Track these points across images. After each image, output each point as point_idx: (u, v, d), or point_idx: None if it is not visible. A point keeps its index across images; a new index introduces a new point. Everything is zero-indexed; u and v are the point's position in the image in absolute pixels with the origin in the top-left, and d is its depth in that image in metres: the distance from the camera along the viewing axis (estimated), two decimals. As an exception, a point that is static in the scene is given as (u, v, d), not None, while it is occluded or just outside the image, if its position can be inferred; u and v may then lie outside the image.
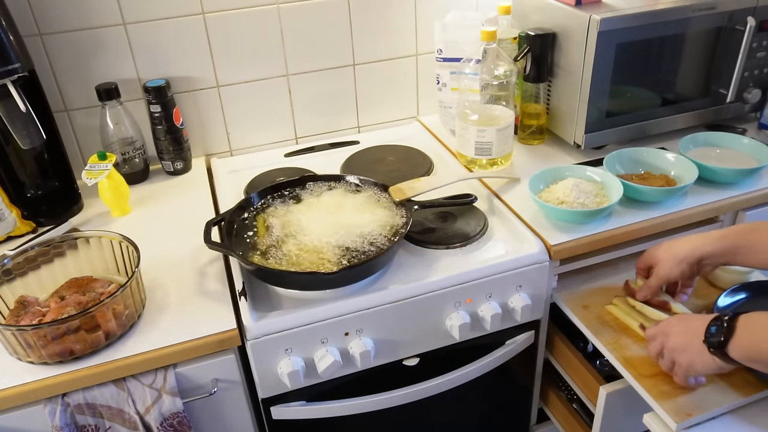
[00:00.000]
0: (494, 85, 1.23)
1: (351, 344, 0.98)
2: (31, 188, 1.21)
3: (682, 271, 0.96)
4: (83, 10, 1.20)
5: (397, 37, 1.44)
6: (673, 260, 0.96)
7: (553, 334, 1.19)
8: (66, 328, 0.83)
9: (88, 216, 1.21)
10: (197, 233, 1.02)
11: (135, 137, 1.30)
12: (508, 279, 1.04)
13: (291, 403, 1.02)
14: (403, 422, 1.17)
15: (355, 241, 0.99)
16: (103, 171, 1.15)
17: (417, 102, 1.55)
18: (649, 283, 1.00)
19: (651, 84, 1.27)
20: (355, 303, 0.96)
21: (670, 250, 0.98)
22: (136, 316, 0.94)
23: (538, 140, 1.37)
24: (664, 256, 0.98)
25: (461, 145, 1.28)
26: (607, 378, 1.06)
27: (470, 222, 1.13)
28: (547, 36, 1.24)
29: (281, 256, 0.97)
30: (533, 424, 1.36)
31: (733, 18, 1.23)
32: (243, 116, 1.41)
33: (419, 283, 0.99)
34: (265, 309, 0.95)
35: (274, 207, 1.10)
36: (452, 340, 1.05)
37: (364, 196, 1.12)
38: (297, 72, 1.40)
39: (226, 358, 0.94)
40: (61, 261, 1.00)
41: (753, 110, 1.39)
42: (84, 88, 1.27)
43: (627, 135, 1.30)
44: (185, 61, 1.31)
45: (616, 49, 1.17)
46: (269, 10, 1.31)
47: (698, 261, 0.95)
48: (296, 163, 1.38)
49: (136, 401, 0.89)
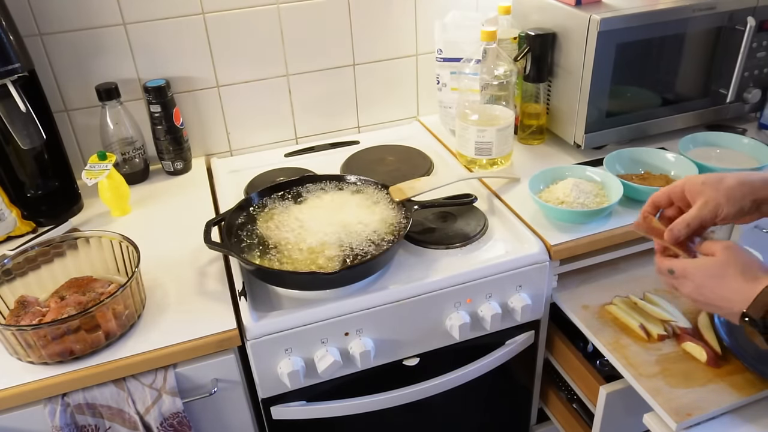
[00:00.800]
0: (494, 85, 1.23)
1: (351, 344, 0.98)
2: (31, 188, 1.21)
3: (741, 208, 0.75)
4: (83, 10, 1.20)
5: (397, 37, 1.44)
6: (730, 194, 0.75)
7: (553, 334, 1.19)
8: (66, 328, 0.83)
9: (88, 216, 1.21)
10: (197, 233, 1.02)
11: (135, 137, 1.30)
12: (508, 279, 1.04)
13: (291, 403, 1.02)
14: (403, 422, 1.17)
15: (355, 241, 0.99)
16: (103, 171, 1.15)
17: (417, 102, 1.55)
18: (686, 219, 0.77)
19: (651, 84, 1.27)
20: (355, 303, 0.96)
21: (723, 182, 0.76)
22: (136, 316, 0.94)
23: (538, 140, 1.37)
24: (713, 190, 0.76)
25: (461, 145, 1.28)
26: (607, 378, 1.06)
27: (470, 222, 1.13)
28: (547, 36, 1.24)
29: (281, 256, 0.97)
30: (533, 424, 1.36)
31: (733, 18, 1.23)
32: (243, 116, 1.41)
33: (419, 283, 0.99)
34: (265, 309, 0.95)
35: (274, 207, 1.10)
36: (452, 340, 1.05)
37: (364, 196, 1.12)
38: (297, 72, 1.40)
39: (226, 358, 0.94)
40: (61, 261, 1.00)
41: (753, 110, 1.39)
42: (84, 88, 1.27)
43: (627, 135, 1.30)
44: (185, 61, 1.31)
45: (616, 49, 1.17)
46: (269, 10, 1.31)
47: (763, 200, 0.76)
48: (296, 163, 1.38)
49: (136, 401, 0.89)
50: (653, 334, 1.01)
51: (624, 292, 1.11)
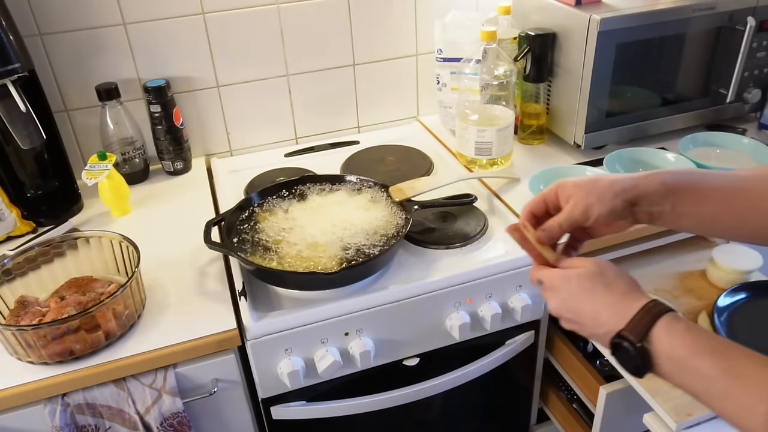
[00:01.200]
0: (494, 85, 1.23)
1: (351, 344, 0.98)
2: (31, 188, 1.21)
3: (613, 208, 0.70)
4: (83, 10, 1.20)
5: (397, 37, 1.44)
6: (601, 194, 0.71)
7: (553, 334, 1.19)
8: (66, 328, 0.83)
9: (88, 216, 1.21)
10: (197, 233, 1.02)
11: (135, 137, 1.30)
12: (508, 279, 1.04)
13: (291, 403, 1.02)
14: (403, 422, 1.17)
15: (355, 241, 0.99)
16: (103, 171, 1.15)
17: (417, 102, 1.55)
18: (558, 220, 0.73)
19: (651, 84, 1.27)
20: (355, 303, 0.96)
21: (595, 183, 0.72)
22: (136, 316, 0.94)
23: (538, 140, 1.37)
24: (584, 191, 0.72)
25: (461, 145, 1.28)
26: (607, 378, 1.06)
27: (470, 222, 1.13)
28: (547, 36, 1.24)
29: (281, 256, 0.97)
30: (533, 424, 1.36)
31: (733, 18, 1.23)
32: (243, 116, 1.41)
33: (419, 283, 0.99)
34: (265, 309, 0.95)
35: (274, 207, 1.10)
36: (452, 340, 1.05)
37: (364, 196, 1.12)
38: (297, 72, 1.40)
39: (226, 358, 0.94)
40: (61, 261, 1.00)
41: (753, 110, 1.39)
42: (84, 88, 1.27)
43: (627, 135, 1.30)
44: (185, 61, 1.31)
45: (616, 49, 1.17)
46: (269, 10, 1.31)
47: (635, 200, 0.71)
48: (296, 163, 1.37)
49: (136, 401, 0.89)
50: (653, 334, 1.01)
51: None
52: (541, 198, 0.76)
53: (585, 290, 0.67)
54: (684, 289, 1.13)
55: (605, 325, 0.63)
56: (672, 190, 0.70)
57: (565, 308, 0.68)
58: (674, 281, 1.15)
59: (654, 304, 0.62)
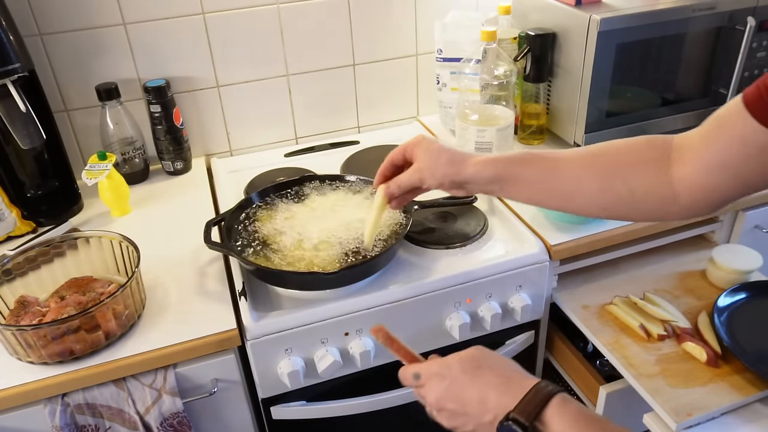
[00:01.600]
0: (494, 85, 1.23)
1: (351, 344, 0.98)
2: (31, 188, 1.21)
3: (441, 184, 0.81)
4: (83, 10, 1.20)
5: (397, 37, 1.44)
6: (434, 169, 0.81)
7: (553, 334, 1.19)
8: (66, 328, 0.83)
9: (88, 216, 1.21)
10: (197, 233, 1.02)
11: (135, 137, 1.30)
12: (508, 279, 1.04)
13: (291, 403, 1.02)
14: (403, 422, 1.17)
15: (355, 241, 0.99)
16: (103, 171, 1.15)
17: (417, 102, 1.55)
18: (400, 179, 0.84)
19: (651, 84, 1.27)
20: (355, 303, 0.96)
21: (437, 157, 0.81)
22: (136, 316, 0.94)
23: (538, 140, 1.37)
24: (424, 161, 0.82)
25: (461, 145, 1.27)
26: (607, 378, 1.06)
27: (470, 222, 1.13)
28: (547, 36, 1.24)
29: (281, 256, 0.97)
30: (533, 424, 1.36)
31: (733, 18, 1.23)
32: (243, 116, 1.41)
33: (419, 283, 0.99)
34: (265, 309, 0.95)
35: (274, 207, 1.10)
36: (452, 340, 1.05)
37: (364, 196, 1.12)
38: (297, 72, 1.40)
39: (226, 358, 0.94)
40: (61, 261, 1.00)
41: (753, 110, 1.38)
42: (84, 88, 1.27)
43: (627, 135, 1.29)
44: (185, 61, 1.31)
45: (616, 49, 1.17)
46: (269, 10, 1.31)
47: (462, 183, 0.80)
48: (296, 163, 1.37)
49: (136, 401, 0.89)
50: (653, 334, 1.01)
51: (624, 292, 1.11)
52: (401, 150, 0.85)
53: (469, 374, 0.64)
54: (684, 289, 1.13)
55: (493, 408, 0.60)
56: (497, 179, 0.78)
57: (447, 397, 0.65)
58: (674, 281, 1.15)
59: (545, 384, 0.60)
